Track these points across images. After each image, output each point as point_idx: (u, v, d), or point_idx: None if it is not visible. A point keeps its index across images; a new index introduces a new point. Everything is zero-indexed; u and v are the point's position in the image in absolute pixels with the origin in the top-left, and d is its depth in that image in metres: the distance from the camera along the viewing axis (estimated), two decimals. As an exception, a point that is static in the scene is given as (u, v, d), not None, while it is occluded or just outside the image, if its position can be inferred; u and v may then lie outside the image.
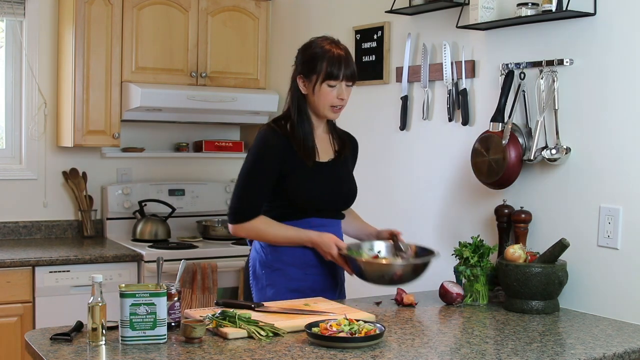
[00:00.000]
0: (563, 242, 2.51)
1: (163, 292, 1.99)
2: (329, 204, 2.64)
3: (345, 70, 2.53)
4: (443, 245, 2.97)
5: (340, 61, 2.53)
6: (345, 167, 2.71)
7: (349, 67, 2.54)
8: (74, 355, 1.89)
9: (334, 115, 2.62)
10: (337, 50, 2.55)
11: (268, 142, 2.56)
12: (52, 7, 4.06)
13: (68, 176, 4.14)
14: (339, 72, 2.52)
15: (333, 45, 2.56)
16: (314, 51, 2.56)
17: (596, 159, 2.58)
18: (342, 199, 2.69)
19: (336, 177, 2.65)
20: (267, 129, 2.59)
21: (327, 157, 2.64)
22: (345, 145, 2.71)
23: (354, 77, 2.57)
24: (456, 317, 2.43)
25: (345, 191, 2.69)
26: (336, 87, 2.54)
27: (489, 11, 2.85)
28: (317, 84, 2.54)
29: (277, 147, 2.55)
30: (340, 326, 2.03)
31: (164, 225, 4.14)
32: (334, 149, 2.68)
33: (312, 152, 2.58)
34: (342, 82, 2.54)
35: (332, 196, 2.63)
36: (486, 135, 2.85)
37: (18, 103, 4.08)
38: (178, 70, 4.10)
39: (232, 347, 1.98)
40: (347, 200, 2.72)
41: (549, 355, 2.00)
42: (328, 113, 2.59)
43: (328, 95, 2.54)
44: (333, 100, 2.55)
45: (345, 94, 2.56)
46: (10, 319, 3.46)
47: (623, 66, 2.50)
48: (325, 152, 2.65)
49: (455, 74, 3.12)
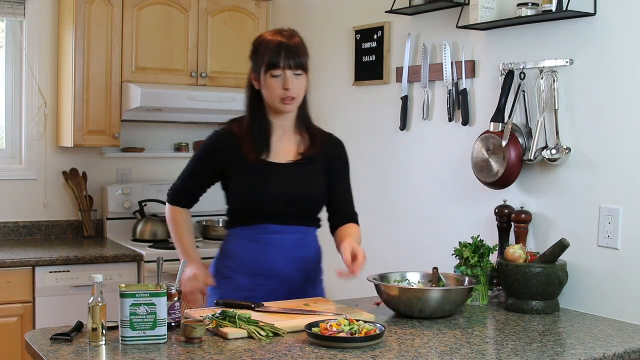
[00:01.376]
0: (563, 242, 2.51)
1: (163, 292, 1.99)
2: (280, 207, 2.44)
3: (286, 59, 2.36)
4: (443, 245, 2.97)
5: (280, 49, 2.36)
6: (310, 170, 2.50)
7: (291, 55, 2.37)
8: (74, 355, 1.89)
9: (286, 108, 2.41)
10: (279, 38, 2.39)
11: (211, 141, 2.51)
12: (52, 7, 4.06)
13: (68, 176, 4.14)
14: (279, 60, 2.35)
15: (277, 34, 2.42)
16: (257, 43, 2.44)
17: (596, 159, 2.58)
18: (294, 203, 2.45)
19: (290, 179, 2.45)
20: (219, 127, 2.53)
21: (285, 158, 2.47)
22: (318, 147, 2.51)
23: (299, 65, 2.38)
24: (456, 317, 2.43)
25: (297, 193, 2.45)
26: (280, 77, 2.37)
27: (489, 11, 2.85)
28: (262, 75, 2.39)
29: (218, 147, 2.48)
30: (340, 326, 2.03)
31: (164, 225, 4.12)
32: (299, 150, 2.50)
33: (258, 150, 2.43)
34: (285, 71, 2.37)
35: (280, 198, 2.43)
36: (486, 135, 2.85)
37: (18, 103, 4.08)
38: (178, 70, 4.10)
39: (232, 347, 1.98)
40: (302, 205, 2.48)
41: (549, 355, 2.00)
42: (279, 106, 2.40)
43: (273, 86, 2.38)
44: (279, 91, 2.38)
45: (291, 84, 2.37)
46: (10, 319, 3.46)
47: (623, 66, 2.50)
48: (284, 152, 2.48)
49: (455, 74, 3.12)
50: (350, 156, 2.65)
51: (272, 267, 2.46)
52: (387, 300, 2.42)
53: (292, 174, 2.47)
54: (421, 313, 2.35)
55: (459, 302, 2.41)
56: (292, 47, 2.39)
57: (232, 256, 2.52)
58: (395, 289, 2.39)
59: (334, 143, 2.60)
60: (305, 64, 2.42)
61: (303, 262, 2.50)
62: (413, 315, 2.36)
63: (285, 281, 2.47)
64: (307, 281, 2.53)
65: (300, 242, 2.49)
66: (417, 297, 2.34)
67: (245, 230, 2.48)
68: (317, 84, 3.97)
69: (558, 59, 2.68)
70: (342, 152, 2.61)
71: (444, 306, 2.36)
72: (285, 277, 2.47)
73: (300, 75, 2.41)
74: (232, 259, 2.51)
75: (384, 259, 3.47)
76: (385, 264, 3.30)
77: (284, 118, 2.48)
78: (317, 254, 2.58)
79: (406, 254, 3.38)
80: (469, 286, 2.45)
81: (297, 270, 2.49)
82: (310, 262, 2.54)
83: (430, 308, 2.34)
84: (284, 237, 2.46)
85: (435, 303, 2.34)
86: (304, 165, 2.49)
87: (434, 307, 2.34)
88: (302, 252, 2.50)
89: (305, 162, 2.49)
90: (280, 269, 2.46)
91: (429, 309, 2.34)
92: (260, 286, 2.46)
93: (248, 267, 2.47)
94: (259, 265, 2.46)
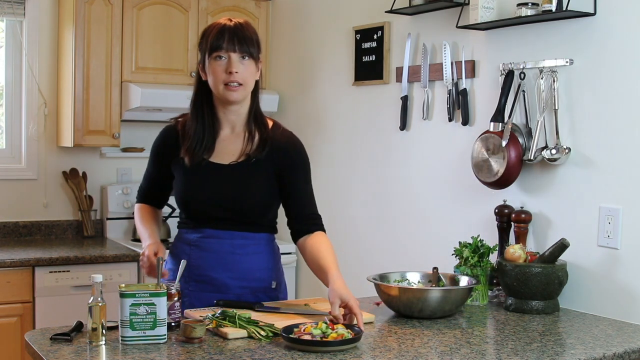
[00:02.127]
0: (563, 242, 2.51)
1: (163, 292, 1.99)
2: (216, 211, 2.33)
3: (230, 42, 2.23)
4: (443, 245, 2.97)
5: (224, 32, 2.24)
6: (253, 173, 2.33)
7: (236, 38, 2.24)
8: (74, 355, 1.89)
9: (231, 95, 2.25)
10: (225, 22, 2.28)
11: (159, 137, 2.46)
12: (52, 7, 4.06)
13: (68, 176, 4.14)
14: (222, 42, 2.23)
15: (224, 20, 2.30)
16: (203, 32, 2.32)
17: (596, 159, 2.58)
18: (230, 207, 2.32)
19: (228, 182, 2.32)
20: (168, 123, 2.45)
21: (228, 159, 2.33)
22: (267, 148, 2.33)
23: (245, 50, 2.25)
24: (456, 317, 2.43)
25: (232, 198, 2.31)
26: (224, 60, 2.24)
27: (489, 11, 2.85)
28: (207, 62, 2.27)
29: (163, 144, 2.42)
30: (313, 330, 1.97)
31: (164, 226, 4.14)
32: (245, 150, 2.34)
33: (198, 149, 2.31)
34: (230, 54, 2.24)
35: (215, 202, 2.31)
36: (486, 135, 2.85)
37: (18, 103, 4.08)
38: (178, 70, 4.10)
39: (232, 347, 1.98)
40: (239, 210, 2.33)
41: (549, 355, 2.00)
42: (224, 93, 2.25)
43: (217, 70, 2.24)
44: (222, 75, 2.24)
45: (235, 67, 2.23)
46: (10, 319, 3.46)
47: (623, 66, 2.50)
48: (229, 152, 2.34)
49: (455, 74, 3.12)
50: (350, 156, 2.63)
51: (205, 273, 2.36)
52: (387, 301, 2.42)
53: (231, 177, 2.32)
54: (421, 313, 2.35)
55: (458, 302, 2.41)
56: (237, 31, 2.26)
57: (170, 260, 2.44)
58: (395, 289, 2.39)
59: (289, 144, 2.39)
60: (253, 52, 2.28)
61: (242, 270, 2.37)
62: (413, 315, 2.36)
63: (220, 289, 2.36)
64: (248, 290, 2.38)
65: (241, 249, 2.36)
66: (417, 297, 2.34)
67: (187, 233, 2.40)
68: (317, 84, 3.97)
69: (558, 59, 2.68)
70: (298, 154, 2.40)
71: (443, 306, 2.36)
72: (220, 284, 2.35)
73: (247, 60, 2.26)
74: (172, 264, 2.42)
75: (384, 259, 3.47)
76: (385, 264, 3.30)
77: (231, 112, 2.33)
78: (264, 262, 2.41)
79: (406, 254, 3.38)
80: (468, 286, 2.45)
81: (233, 279, 2.36)
82: (253, 270, 2.38)
83: (430, 308, 2.34)
84: (221, 242, 2.35)
85: (435, 303, 2.34)
86: (247, 167, 2.32)
87: (433, 307, 2.34)
88: (241, 259, 2.36)
89: (249, 164, 2.33)
90: (213, 276, 2.36)
91: (429, 309, 2.34)
92: (194, 292, 2.36)
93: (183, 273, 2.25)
94: (193, 270, 2.35)
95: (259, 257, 2.40)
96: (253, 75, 2.31)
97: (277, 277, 2.47)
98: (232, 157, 2.34)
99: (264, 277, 2.42)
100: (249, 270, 2.38)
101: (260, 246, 2.40)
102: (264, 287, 2.43)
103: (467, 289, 2.43)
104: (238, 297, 2.36)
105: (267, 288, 2.43)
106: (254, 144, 2.34)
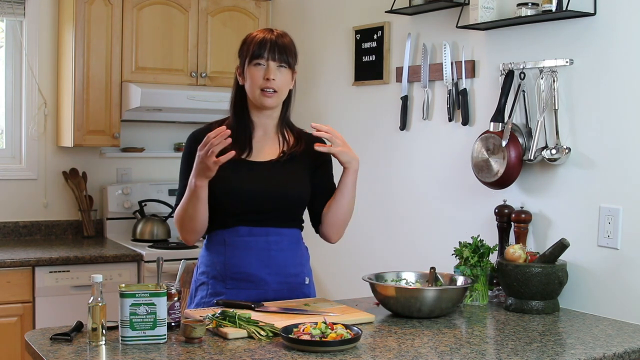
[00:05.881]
0: (563, 242, 2.51)
1: (163, 292, 1.99)
2: (259, 206, 2.37)
3: (271, 51, 2.35)
4: (443, 245, 2.97)
5: (266, 42, 2.35)
6: (294, 168, 2.43)
7: (277, 49, 2.35)
8: (74, 355, 1.89)
9: (267, 101, 2.36)
10: (267, 34, 2.38)
11: (189, 142, 2.46)
12: (52, 7, 4.06)
13: (68, 176, 4.14)
14: (263, 51, 2.34)
15: (267, 31, 2.40)
16: (245, 38, 2.43)
17: (596, 159, 2.58)
18: (276, 201, 2.38)
19: (273, 177, 2.39)
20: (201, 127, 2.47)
21: (267, 157, 2.42)
22: (302, 144, 2.45)
23: (283, 59, 2.36)
24: (456, 317, 2.43)
25: (279, 192, 2.38)
26: (263, 67, 2.35)
27: (489, 11, 2.85)
28: (246, 68, 2.38)
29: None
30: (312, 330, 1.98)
31: (164, 225, 4.14)
32: (282, 148, 2.44)
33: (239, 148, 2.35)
34: (269, 62, 2.34)
35: (261, 197, 2.36)
36: (486, 135, 2.85)
37: (18, 103, 4.08)
38: (178, 70, 4.10)
39: (232, 347, 1.98)
40: (284, 204, 2.40)
41: (549, 355, 2.00)
42: (259, 98, 2.35)
43: (255, 75, 2.35)
44: (260, 81, 2.34)
45: (273, 74, 2.34)
46: (10, 319, 3.46)
47: (623, 66, 2.50)
48: (267, 151, 2.42)
49: (455, 74, 3.12)
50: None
51: (243, 270, 2.38)
52: (383, 301, 2.42)
53: (274, 173, 2.40)
54: (420, 313, 2.35)
55: (455, 300, 2.41)
56: (278, 42, 2.37)
57: (205, 262, 2.45)
58: (391, 289, 2.39)
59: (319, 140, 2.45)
60: (291, 62, 2.39)
61: (278, 265, 2.40)
62: (412, 315, 2.36)
63: (259, 285, 2.39)
64: (285, 285, 2.42)
65: (276, 244, 2.40)
66: (414, 296, 2.34)
67: (219, 234, 2.41)
68: (317, 84, 3.97)
69: (558, 59, 2.68)
70: None
71: (440, 304, 2.36)
72: (258, 281, 2.38)
73: (284, 69, 2.37)
74: (206, 265, 2.43)
75: (384, 259, 3.47)
76: (385, 263, 3.30)
77: (265, 116, 2.42)
78: (297, 257, 2.46)
79: (406, 254, 3.38)
80: (464, 285, 2.45)
81: (271, 274, 2.39)
82: (288, 266, 2.42)
83: (428, 307, 2.34)
84: (257, 239, 2.38)
85: (431, 302, 2.34)
86: (287, 163, 2.42)
87: (430, 306, 2.34)
88: (277, 255, 2.40)
89: (288, 160, 2.42)
90: (252, 273, 2.38)
91: (426, 308, 2.34)
92: (232, 290, 2.38)
93: (220, 272, 2.38)
94: (230, 268, 2.38)
95: (293, 253, 2.45)
96: (288, 84, 2.41)
97: (309, 273, 2.53)
98: (271, 155, 2.43)
99: (297, 273, 2.46)
100: (284, 266, 2.42)
101: (292, 242, 2.45)
102: (299, 282, 2.47)
103: (462, 288, 2.43)
104: (275, 294, 2.40)
105: (301, 284, 2.47)
106: (289, 142, 2.46)
